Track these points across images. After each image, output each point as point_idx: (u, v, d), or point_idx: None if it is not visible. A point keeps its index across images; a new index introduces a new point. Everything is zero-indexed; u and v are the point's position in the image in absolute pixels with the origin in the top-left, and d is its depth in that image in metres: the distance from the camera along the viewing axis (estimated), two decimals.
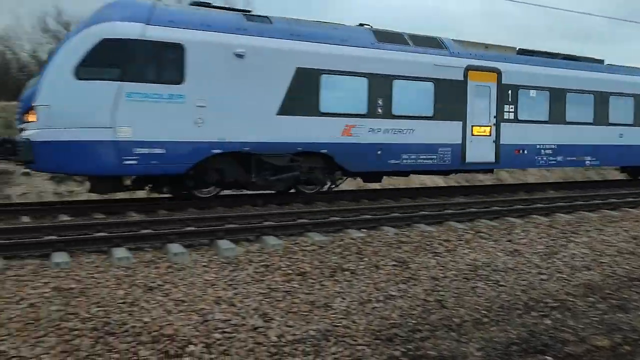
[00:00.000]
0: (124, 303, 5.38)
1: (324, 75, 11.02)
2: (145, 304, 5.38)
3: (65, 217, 9.21)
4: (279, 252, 7.22)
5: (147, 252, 7.07)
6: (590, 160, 14.94)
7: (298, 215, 9.33)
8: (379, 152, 11.66)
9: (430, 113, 12.28)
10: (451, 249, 7.87)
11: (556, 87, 14.15)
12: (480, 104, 12.99)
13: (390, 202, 11.84)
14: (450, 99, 12.53)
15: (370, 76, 11.51)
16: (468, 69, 12.75)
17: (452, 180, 17.52)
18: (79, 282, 5.81)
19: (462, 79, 12.68)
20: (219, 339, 4.87)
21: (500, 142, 13.31)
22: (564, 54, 14.94)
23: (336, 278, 6.48)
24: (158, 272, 6.29)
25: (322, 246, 7.55)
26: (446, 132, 12.50)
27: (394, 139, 11.81)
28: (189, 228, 8.08)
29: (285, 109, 10.68)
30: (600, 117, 15.08)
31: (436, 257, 7.44)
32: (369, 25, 12.43)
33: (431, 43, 12.54)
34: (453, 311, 5.84)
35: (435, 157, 12.35)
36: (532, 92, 13.80)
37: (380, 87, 11.64)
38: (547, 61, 14.31)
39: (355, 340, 5.12)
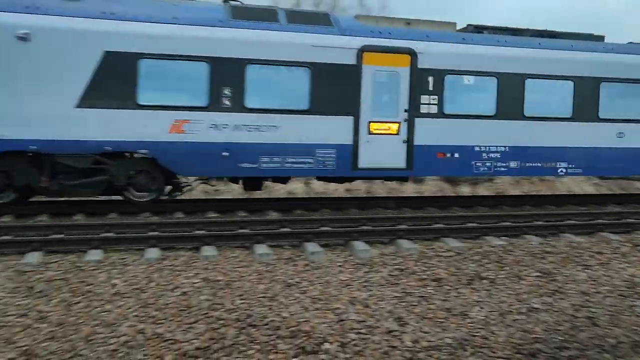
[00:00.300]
0: (264, 297, 5.65)
1: (143, 60, 9.12)
2: (284, 300, 5.61)
3: (212, 214, 9.92)
4: (413, 257, 7.14)
5: (286, 250, 7.37)
6: (566, 168, 11.31)
7: (433, 219, 9.14)
8: (225, 154, 9.54)
9: (304, 106, 9.85)
10: (604, 262, 7.20)
11: (509, 72, 10.84)
12: (382, 94, 10.26)
13: (533, 210, 11.13)
14: (335, 88, 9.95)
15: (212, 60, 9.39)
16: (364, 50, 10.04)
17: (604, 188, 16.03)
18: (224, 275, 6.22)
19: (355, 63, 10.02)
20: (353, 339, 4.91)
21: (415, 143, 10.39)
22: (535, 30, 11.64)
23: (474, 286, 6.23)
24: (296, 270, 6.53)
25: (459, 252, 7.33)
26: (328, 130, 9.96)
27: (248, 137, 9.58)
28: (324, 228, 8.28)
29: (88, 101, 8.93)
30: (585, 111, 11.34)
31: (586, 270, 6.84)
32: (238, 2, 10.40)
33: (313, 20, 10.12)
34: (607, 330, 5.32)
35: (311, 160, 9.91)
36: (469, 79, 10.68)
37: (227, 73, 9.48)
38: (502, 39, 11.04)
39: (494, 352, 4.87)
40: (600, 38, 12.03)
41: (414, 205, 11.16)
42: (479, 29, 11.29)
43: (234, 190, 13.77)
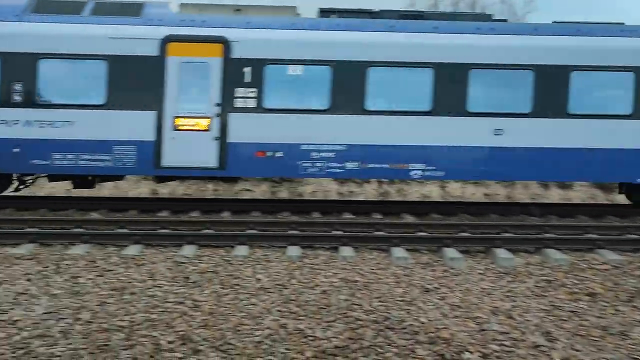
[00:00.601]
0: (402, 301, 5.60)
1: None
2: (422, 305, 5.51)
3: (348, 215, 10.07)
4: (563, 268, 6.64)
5: (424, 254, 7.26)
6: (422, 170, 9.74)
7: (585, 229, 8.43)
8: (16, 150, 9.46)
9: (100, 100, 9.54)
10: None
11: (346, 60, 9.60)
12: (190, 87, 9.63)
13: None
14: (135, 81, 9.51)
15: (1, 55, 9.40)
16: (168, 40, 9.52)
17: None
18: (362, 276, 6.28)
19: (157, 54, 9.53)
20: (496, 351, 4.68)
21: (228, 140, 9.62)
22: (397, 12, 10.15)
23: (635, 304, 5.63)
24: (434, 275, 6.40)
25: (617, 266, 6.69)
26: (127, 126, 9.53)
27: (39, 133, 9.46)
28: (464, 234, 8.02)
29: None
30: (448, 103, 9.69)
31: None
32: None
33: (121, 11, 9.80)
34: None
35: (109, 158, 9.55)
36: (295, 69, 9.65)
37: (18, 68, 9.44)
38: (341, 23, 9.83)
39: None
40: (487, 17, 10.36)
41: (561, 212, 10.40)
42: (326, 13, 10.25)
43: (368, 192, 13.89)
